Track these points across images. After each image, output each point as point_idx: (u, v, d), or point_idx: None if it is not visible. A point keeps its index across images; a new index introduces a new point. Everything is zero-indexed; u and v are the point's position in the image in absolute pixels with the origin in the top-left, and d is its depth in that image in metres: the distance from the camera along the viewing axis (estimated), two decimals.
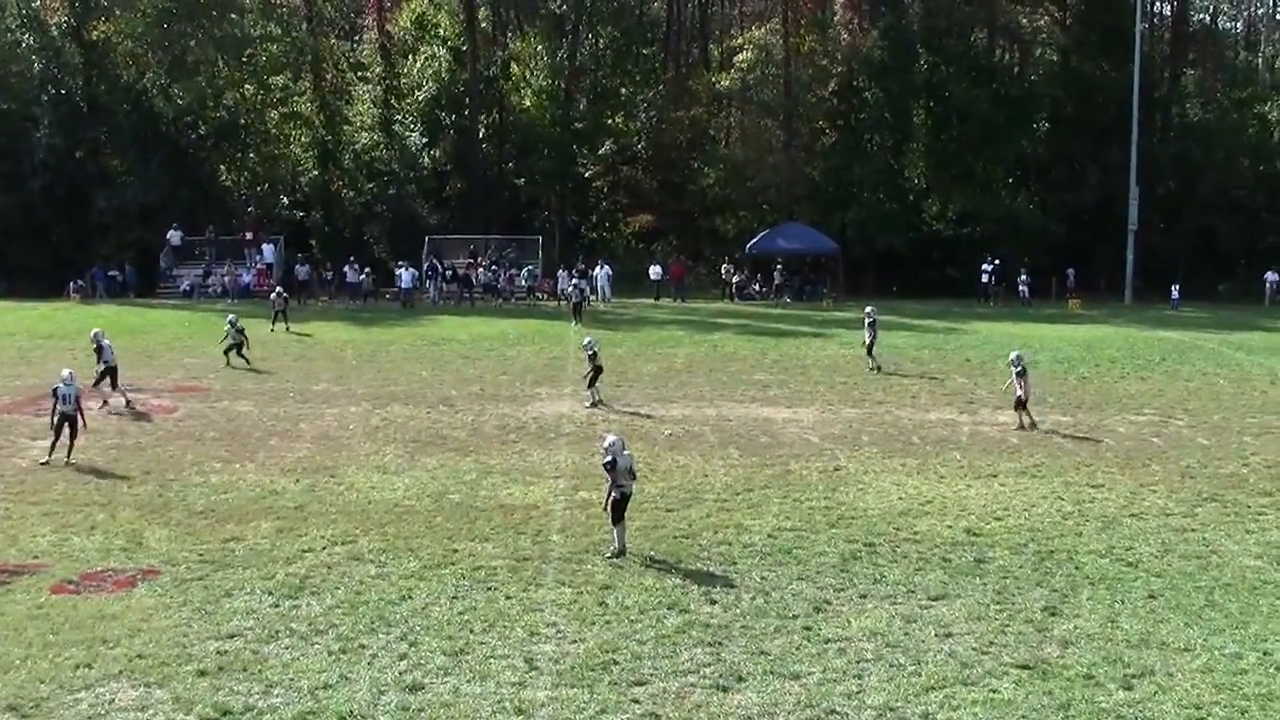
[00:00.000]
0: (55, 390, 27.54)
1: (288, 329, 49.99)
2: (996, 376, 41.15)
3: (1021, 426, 32.64)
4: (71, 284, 66.47)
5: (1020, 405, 32.89)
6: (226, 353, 41.67)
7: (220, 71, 75.36)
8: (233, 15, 75.26)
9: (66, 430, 27.55)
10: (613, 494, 21.35)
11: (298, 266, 67.17)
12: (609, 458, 21.16)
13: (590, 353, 35.31)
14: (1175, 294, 69.60)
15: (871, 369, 41.62)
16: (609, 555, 21.13)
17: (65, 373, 28.08)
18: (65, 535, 22.18)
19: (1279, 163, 77.40)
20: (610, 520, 21.43)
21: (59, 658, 16.63)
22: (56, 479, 26.35)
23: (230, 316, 43.27)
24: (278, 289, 54.92)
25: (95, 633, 17.47)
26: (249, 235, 71.76)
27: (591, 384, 35.33)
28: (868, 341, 42.32)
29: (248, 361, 41.50)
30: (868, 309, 43.44)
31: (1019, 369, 33.05)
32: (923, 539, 22.36)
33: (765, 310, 63.92)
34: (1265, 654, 17.21)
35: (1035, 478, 27.35)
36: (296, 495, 25.00)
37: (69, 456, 27.48)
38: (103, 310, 58.65)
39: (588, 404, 35.05)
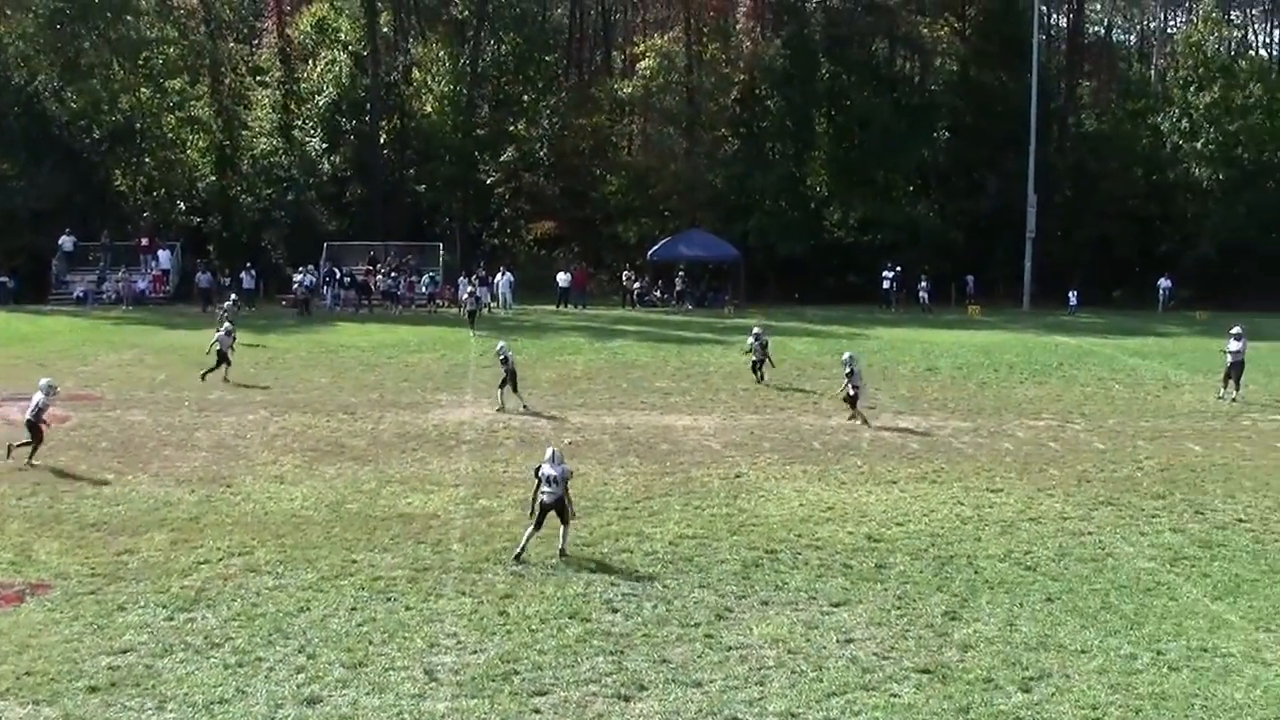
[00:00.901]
0: None
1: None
2: (898, 382, 41.61)
3: (854, 418, 33.84)
4: None
5: (850, 402, 33.92)
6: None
7: (115, 74, 74.38)
8: (128, 17, 74.13)
9: None
10: (536, 499, 21.68)
11: (199, 274, 66.26)
12: (849, 369, 25.59)
13: (502, 358, 35.20)
14: (1073, 300, 70.63)
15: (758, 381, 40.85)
16: (515, 555, 21.28)
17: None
18: None
19: (1171, 173, 78.66)
20: (534, 528, 21.54)
21: None
22: None
23: (225, 325, 42.08)
24: (232, 297, 53.80)
25: None
26: (144, 241, 70.82)
27: (503, 386, 35.27)
28: (755, 360, 41.26)
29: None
30: (755, 329, 42.62)
31: (849, 369, 33.90)
32: (824, 545, 22.35)
33: (667, 317, 64.06)
34: (1159, 654, 17.39)
35: (935, 483, 27.50)
36: (191, 506, 24.55)
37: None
38: None
39: (497, 408, 35.04)
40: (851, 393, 34.07)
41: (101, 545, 21.88)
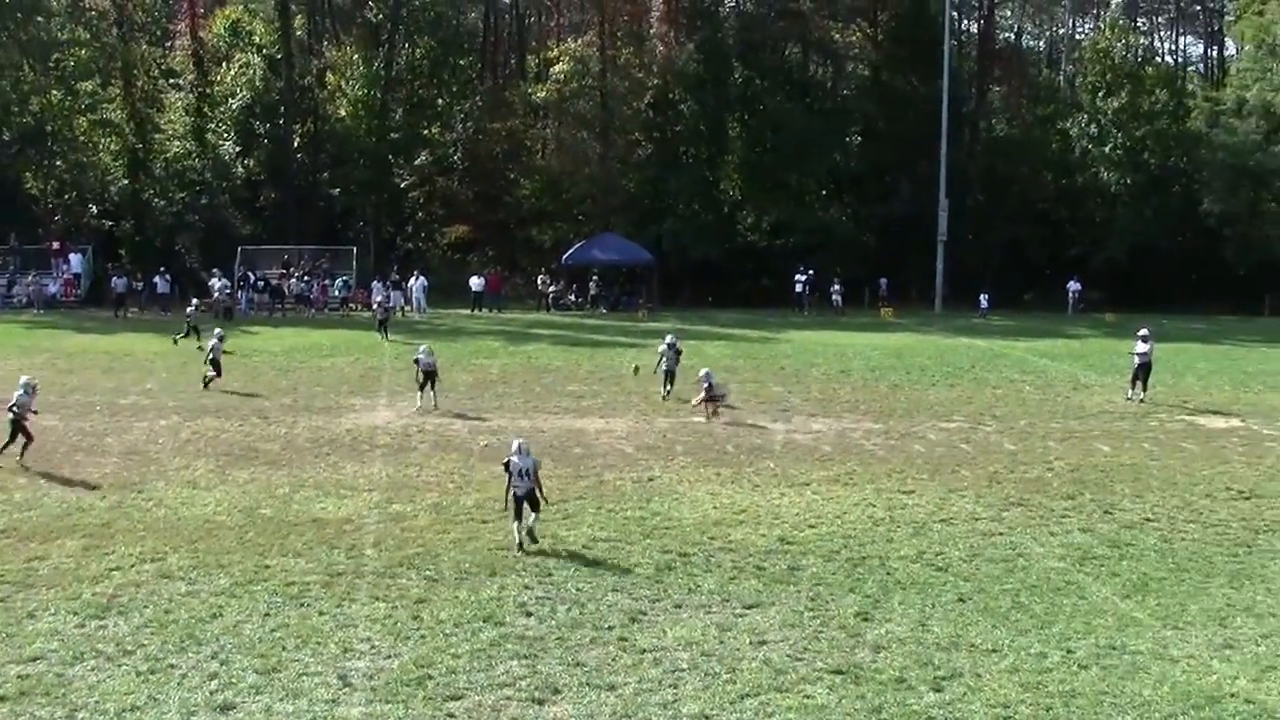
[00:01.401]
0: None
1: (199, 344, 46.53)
2: (811, 385, 41.83)
3: (707, 412, 34.74)
4: None
5: (707, 403, 34.84)
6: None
7: (25, 76, 73.45)
8: (39, 18, 73.06)
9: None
10: (510, 492, 22.61)
11: (114, 279, 65.44)
12: (506, 459, 22.93)
13: (416, 359, 35.60)
14: (984, 303, 71.35)
15: (664, 398, 38.53)
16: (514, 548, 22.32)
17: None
18: None
19: (1080, 177, 79.71)
20: (514, 517, 22.44)
21: None
22: None
23: (217, 331, 41.44)
24: (194, 301, 52.96)
25: None
26: (55, 244, 70.04)
27: (423, 387, 35.61)
28: (667, 369, 39.03)
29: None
30: (669, 337, 40.95)
31: (706, 384, 34.94)
32: (737, 548, 22.43)
33: (581, 321, 64.06)
34: (1069, 653, 17.60)
35: (847, 485, 27.65)
36: (103, 512, 24.27)
37: None
38: None
39: (417, 408, 35.25)
40: (703, 395, 35.12)
41: (11, 552, 21.59)
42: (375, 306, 56.85)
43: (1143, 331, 40.16)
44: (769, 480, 28.02)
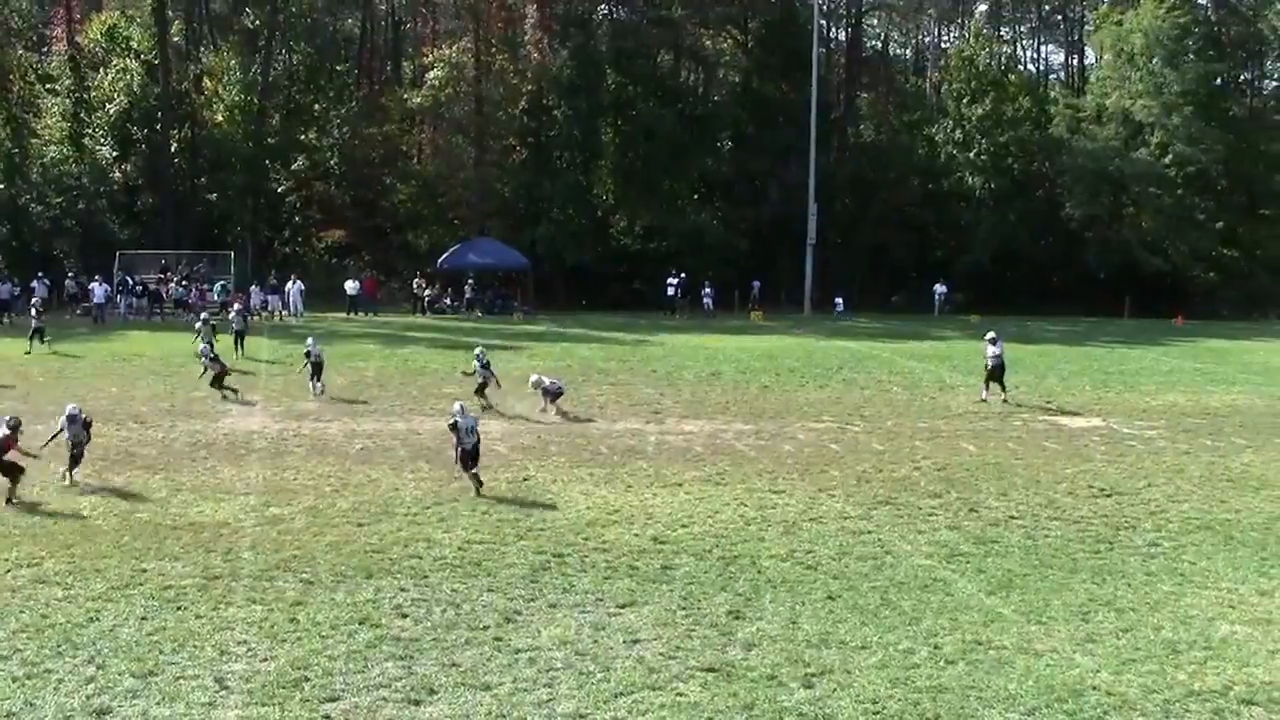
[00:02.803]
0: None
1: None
2: (683, 387, 42.13)
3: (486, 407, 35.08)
4: None
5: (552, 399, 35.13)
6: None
7: None
8: None
9: None
10: (459, 449, 26.79)
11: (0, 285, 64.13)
12: (452, 420, 26.93)
13: (306, 351, 36.71)
14: (839, 305, 72.63)
15: (484, 406, 36.72)
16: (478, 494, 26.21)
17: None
18: None
19: (946, 182, 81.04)
20: (463, 469, 26.74)
21: None
22: None
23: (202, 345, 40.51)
24: (236, 307, 51.42)
25: None
26: None
27: (313, 378, 36.69)
28: (480, 382, 37.31)
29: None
30: (477, 349, 39.30)
31: (540, 388, 35.47)
32: (611, 548, 22.58)
33: (457, 324, 63.97)
34: (936, 648, 17.90)
35: (719, 485, 27.90)
36: None
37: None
38: None
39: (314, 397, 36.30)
40: (543, 403, 35.67)
41: None
42: (234, 317, 51.22)
43: (990, 334, 40.83)
44: (642, 480, 28.20)
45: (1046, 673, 17.12)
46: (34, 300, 56.59)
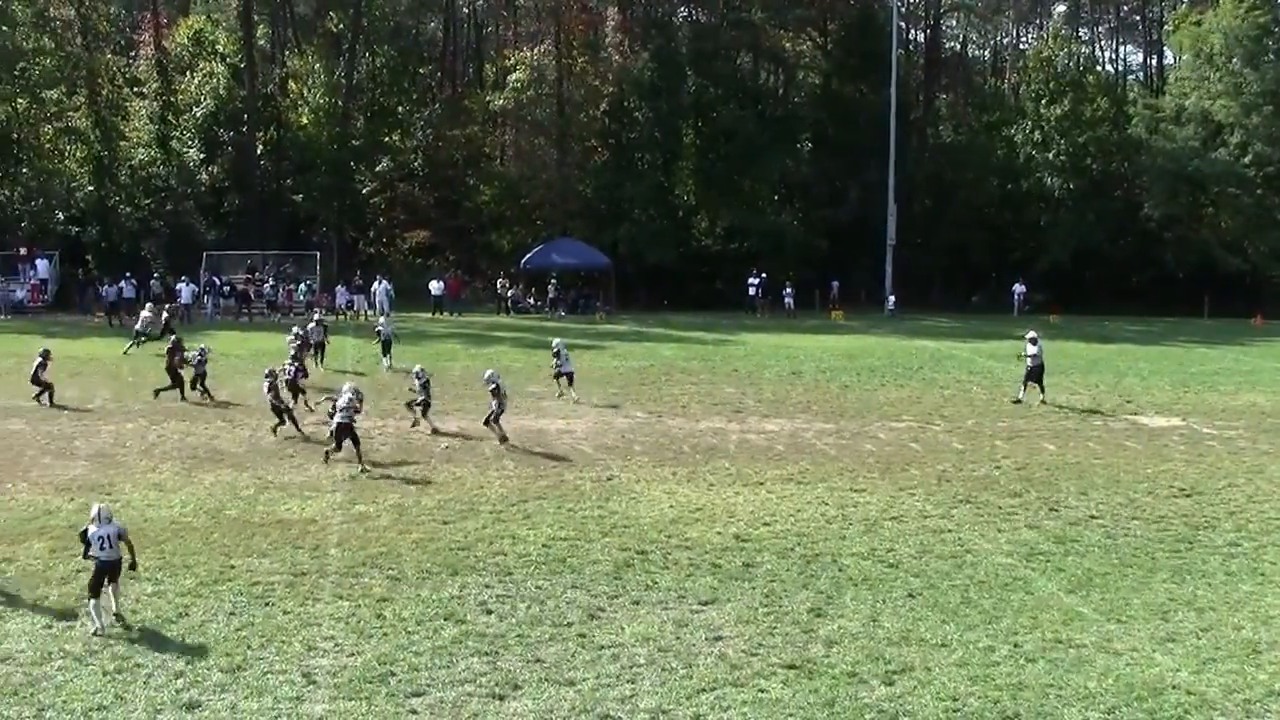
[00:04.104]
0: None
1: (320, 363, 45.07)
2: (764, 386, 42.18)
3: (502, 439, 32.21)
4: None
5: (492, 421, 32.47)
6: (194, 385, 38.28)
7: None
8: (4, 28, 72.97)
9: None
10: (493, 410, 31.63)
11: (106, 287, 64.95)
12: (493, 385, 31.81)
13: (422, 382, 34.02)
14: (891, 304, 72.44)
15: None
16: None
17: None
18: None
19: (1025, 182, 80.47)
20: (495, 429, 31.31)
21: None
22: None
23: (201, 347, 40.18)
24: (316, 317, 49.58)
25: None
26: (22, 251, 69.95)
27: (424, 411, 33.77)
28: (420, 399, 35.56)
29: (207, 395, 38.44)
30: (416, 368, 37.00)
31: (492, 386, 32.69)
32: (693, 545, 22.71)
33: (540, 324, 64.18)
34: (1016, 646, 17.96)
35: (801, 484, 28.00)
36: (71, 514, 24.29)
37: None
38: None
39: (413, 426, 33.78)
40: (493, 411, 32.65)
41: None
42: (312, 327, 47.26)
43: (1031, 334, 40.58)
44: (724, 479, 28.34)
45: (1126, 671, 17.15)
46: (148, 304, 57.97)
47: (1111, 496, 27.30)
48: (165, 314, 51.62)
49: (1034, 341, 39.74)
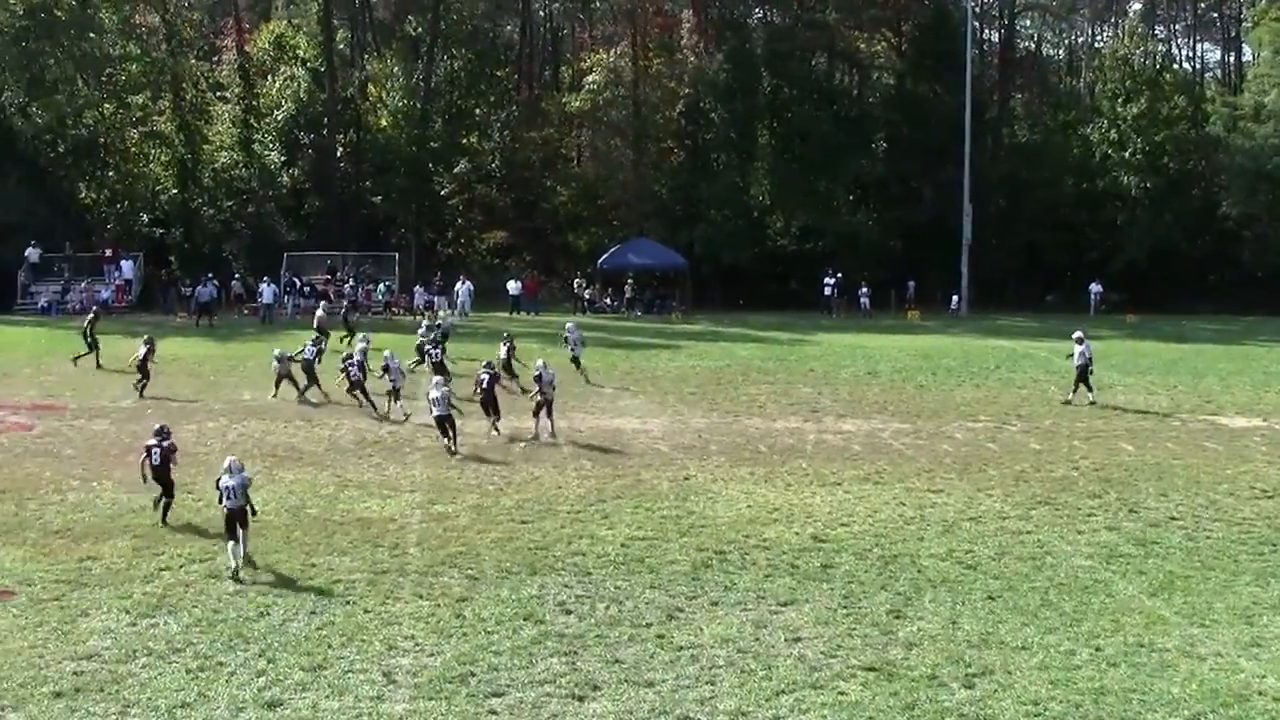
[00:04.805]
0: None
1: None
2: (840, 386, 42.12)
3: (534, 436, 32.91)
4: None
5: (541, 409, 33.01)
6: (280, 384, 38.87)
7: (79, 90, 74.47)
8: (92, 35, 74.26)
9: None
10: (538, 399, 32.34)
11: (199, 288, 65.77)
12: (537, 372, 32.98)
13: (396, 367, 35.70)
14: (955, 303, 72.05)
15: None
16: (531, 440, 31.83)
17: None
18: None
19: (1101, 181, 79.74)
20: (535, 417, 32.50)
21: None
22: None
23: (276, 351, 40.56)
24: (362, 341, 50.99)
25: None
26: (108, 252, 71.10)
27: (537, 414, 33.47)
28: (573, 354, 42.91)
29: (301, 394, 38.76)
30: (568, 324, 45.33)
31: (535, 374, 33.48)
32: (771, 546, 22.75)
33: (616, 323, 64.49)
34: (1097, 650, 17.85)
35: (878, 484, 28.00)
36: (154, 513, 24.62)
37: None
38: None
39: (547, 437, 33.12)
40: (539, 399, 33.05)
41: (65, 552, 22.10)
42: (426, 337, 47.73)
43: (1077, 334, 40.26)
44: (801, 479, 28.39)
45: (1211, 677, 17.00)
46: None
47: (1192, 498, 27.09)
48: (439, 323, 52.59)
49: (1080, 341, 39.46)
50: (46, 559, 21.71)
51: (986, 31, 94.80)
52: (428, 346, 41.70)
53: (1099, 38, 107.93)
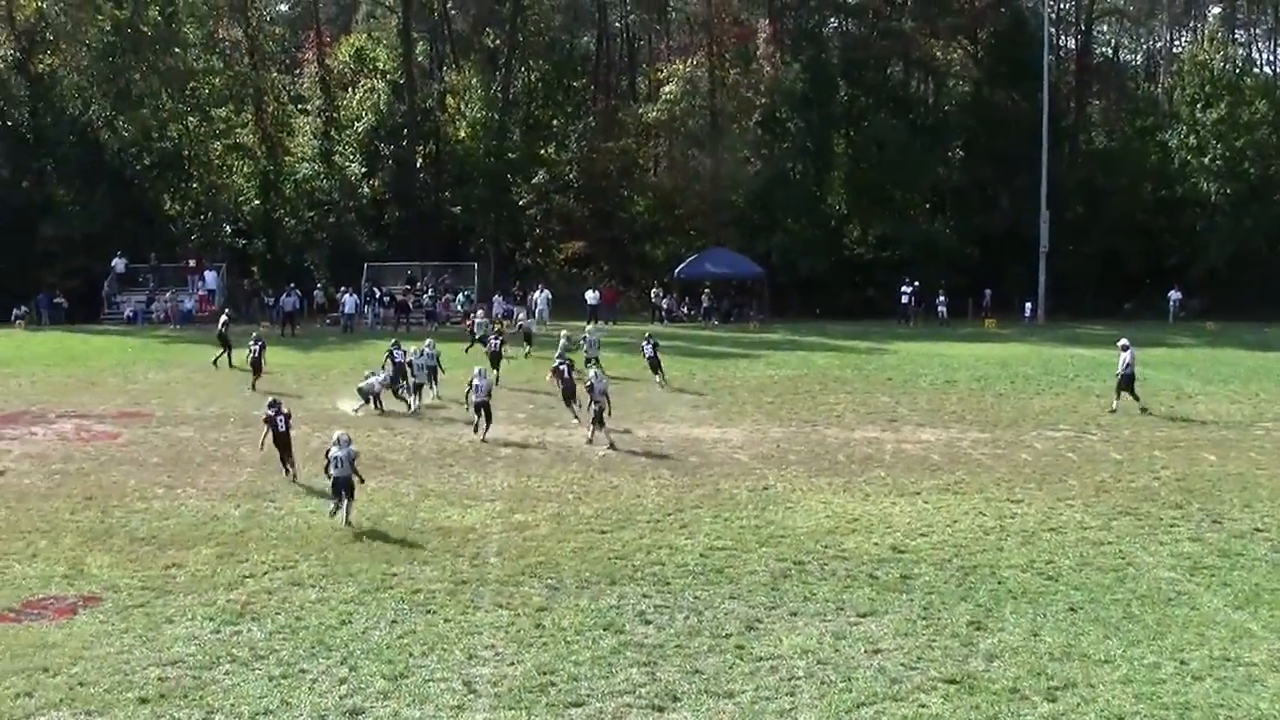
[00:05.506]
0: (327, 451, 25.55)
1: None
2: (918, 395, 41.95)
3: (589, 440, 33.53)
4: (16, 311, 66.87)
5: (591, 422, 33.44)
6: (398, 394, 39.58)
7: (164, 104, 76.02)
8: (176, 49, 76.07)
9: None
10: (593, 409, 32.76)
11: (284, 297, 66.64)
12: (589, 382, 33.21)
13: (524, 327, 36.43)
14: (1028, 312, 71.59)
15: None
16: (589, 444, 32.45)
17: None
18: (7, 562, 22.16)
19: (1179, 187, 78.98)
20: (593, 426, 32.75)
21: None
22: None
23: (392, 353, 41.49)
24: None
25: (36, 661, 17.46)
26: (192, 262, 72.30)
27: (593, 421, 33.68)
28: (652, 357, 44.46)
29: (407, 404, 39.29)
30: (647, 334, 47.21)
31: (586, 385, 34.12)
32: (850, 556, 22.69)
33: (694, 332, 64.53)
34: (1182, 664, 17.61)
35: (957, 494, 27.85)
36: (237, 520, 25.03)
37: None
38: (47, 337, 58.98)
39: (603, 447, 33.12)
40: (595, 409, 33.28)
41: (151, 559, 22.41)
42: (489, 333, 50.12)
43: (1122, 341, 39.94)
44: (880, 489, 28.29)
45: None
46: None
47: (1277, 509, 26.73)
48: (519, 323, 53.81)
49: (1125, 349, 39.14)
50: (132, 565, 22.00)
51: (1063, 38, 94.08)
52: (491, 337, 45.47)
53: (1177, 42, 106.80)
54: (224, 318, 51.28)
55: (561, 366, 37.67)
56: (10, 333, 62.34)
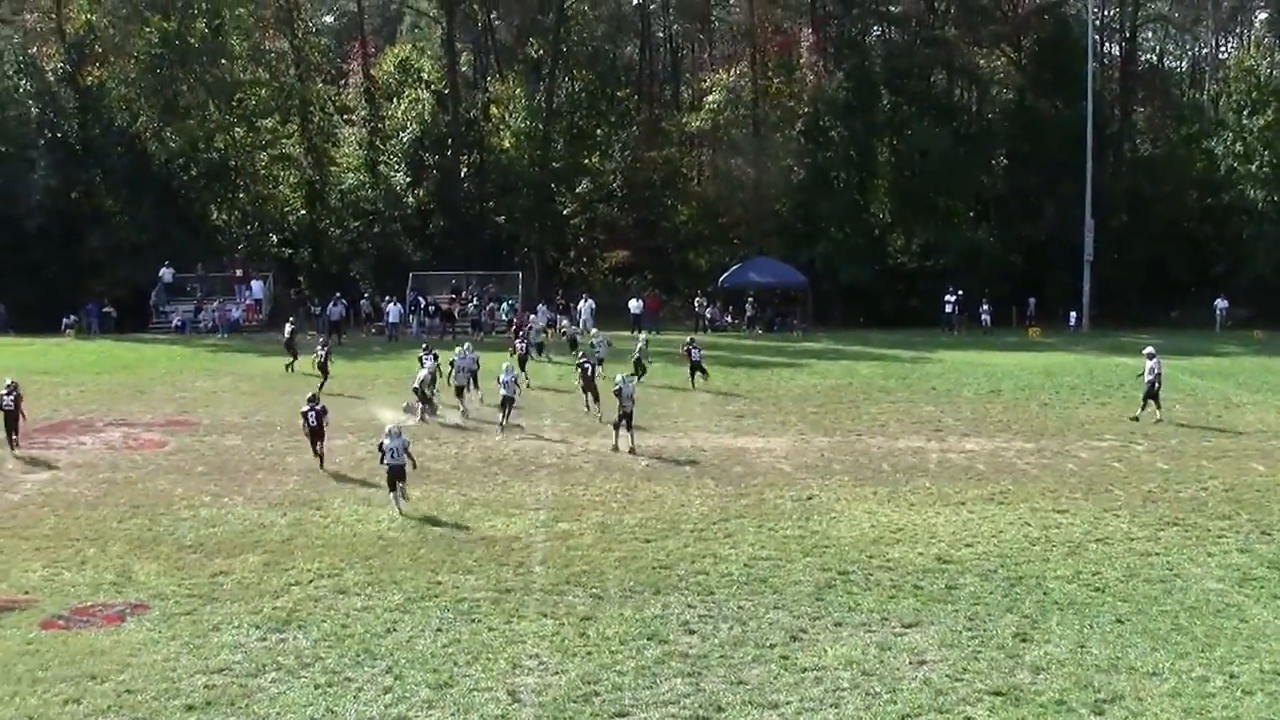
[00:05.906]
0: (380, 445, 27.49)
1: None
2: (962, 404, 41.79)
3: (614, 448, 33.76)
4: (66, 320, 67.73)
5: (618, 425, 33.93)
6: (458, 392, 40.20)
7: (211, 115, 76.85)
8: (223, 61, 76.99)
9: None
10: (619, 412, 33.13)
11: (331, 306, 67.11)
12: (617, 386, 33.60)
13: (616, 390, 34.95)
14: (1072, 321, 71.25)
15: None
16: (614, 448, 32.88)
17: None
18: (56, 570, 22.37)
19: (1226, 195, 78.48)
20: (615, 430, 33.44)
21: (48, 694, 16.81)
22: (47, 513, 26.65)
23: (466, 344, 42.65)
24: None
25: (84, 668, 17.62)
26: (239, 272, 73.04)
27: (618, 426, 34.09)
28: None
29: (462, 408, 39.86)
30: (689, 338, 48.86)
31: (615, 389, 34.35)
32: (895, 566, 22.63)
33: (738, 341, 64.57)
34: (1231, 677, 17.44)
35: (1002, 504, 27.71)
36: (283, 529, 25.22)
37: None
38: (96, 346, 59.48)
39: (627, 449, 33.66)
40: (621, 412, 33.75)
41: (198, 567, 22.60)
42: (529, 336, 51.63)
43: (1148, 349, 39.68)
44: (925, 499, 28.20)
45: None
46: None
47: None
48: (564, 331, 54.73)
49: (1151, 356, 38.88)
50: (179, 573, 22.19)
51: (1107, 45, 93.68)
52: (532, 338, 47.31)
53: (1223, 48, 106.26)
54: (290, 326, 51.88)
55: (587, 364, 39.57)
56: (60, 342, 63.17)
